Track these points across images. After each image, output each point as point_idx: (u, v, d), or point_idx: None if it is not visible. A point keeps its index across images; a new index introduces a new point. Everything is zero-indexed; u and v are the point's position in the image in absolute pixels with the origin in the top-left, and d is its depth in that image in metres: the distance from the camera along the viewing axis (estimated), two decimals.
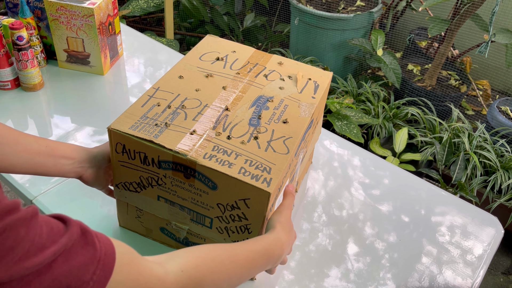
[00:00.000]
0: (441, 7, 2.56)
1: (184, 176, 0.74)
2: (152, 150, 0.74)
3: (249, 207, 0.72)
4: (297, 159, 0.86)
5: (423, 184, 1.17)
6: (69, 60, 1.44)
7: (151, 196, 0.81)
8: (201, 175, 0.72)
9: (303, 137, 0.83)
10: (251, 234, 0.75)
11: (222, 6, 3.04)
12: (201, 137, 0.76)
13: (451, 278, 0.93)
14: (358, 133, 2.02)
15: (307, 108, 0.86)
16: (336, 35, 2.54)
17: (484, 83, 2.61)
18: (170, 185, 0.77)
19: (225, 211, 0.74)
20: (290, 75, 0.94)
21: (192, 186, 0.75)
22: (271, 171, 0.71)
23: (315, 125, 0.96)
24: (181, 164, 0.73)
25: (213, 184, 0.72)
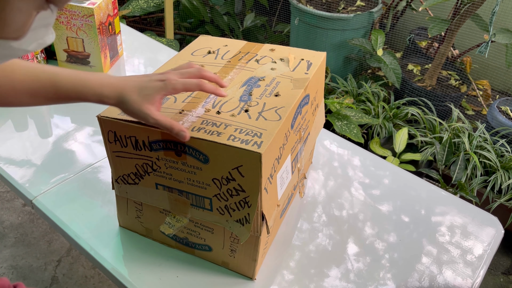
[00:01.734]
0: (441, 7, 2.56)
1: (176, 154, 0.73)
2: (142, 131, 0.74)
3: (243, 176, 0.70)
4: (297, 136, 0.84)
5: (423, 184, 1.17)
6: (69, 60, 1.44)
7: (149, 185, 0.81)
8: (191, 148, 0.71)
9: (298, 110, 0.81)
10: (251, 208, 0.73)
11: (222, 6, 3.04)
12: (190, 114, 0.76)
13: (451, 278, 0.93)
14: (358, 133, 2.02)
15: (300, 82, 0.85)
16: (336, 35, 2.54)
17: (484, 83, 2.61)
18: (164, 168, 0.77)
19: (222, 186, 0.73)
20: (282, 58, 0.94)
21: (185, 165, 0.74)
22: (262, 136, 0.70)
23: (315, 106, 0.95)
24: (171, 141, 0.72)
25: (204, 156, 0.71)
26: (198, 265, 0.89)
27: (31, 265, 1.81)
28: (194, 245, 0.89)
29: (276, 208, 0.78)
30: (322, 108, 1.02)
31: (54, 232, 1.96)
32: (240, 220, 0.75)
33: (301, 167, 0.89)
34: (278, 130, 0.72)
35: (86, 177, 1.07)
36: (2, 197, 2.12)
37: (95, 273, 1.80)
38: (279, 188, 0.78)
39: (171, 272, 0.87)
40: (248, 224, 0.74)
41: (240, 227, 0.76)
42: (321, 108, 1.01)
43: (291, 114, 0.78)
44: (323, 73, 0.97)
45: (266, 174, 0.71)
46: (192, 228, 0.85)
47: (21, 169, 1.08)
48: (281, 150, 0.76)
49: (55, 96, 0.68)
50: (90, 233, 0.94)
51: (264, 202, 0.73)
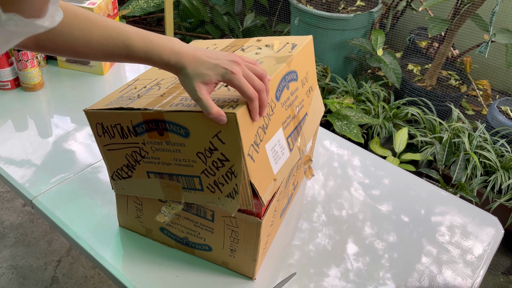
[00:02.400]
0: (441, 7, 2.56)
1: (158, 134, 0.75)
2: (124, 117, 0.76)
3: (224, 143, 0.70)
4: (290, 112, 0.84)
5: (423, 184, 1.17)
6: (69, 60, 1.44)
7: (142, 176, 0.82)
8: (171, 124, 0.72)
9: (283, 83, 0.82)
10: (238, 178, 0.73)
11: (222, 6, 3.04)
12: (170, 95, 0.77)
13: (451, 278, 0.93)
14: (358, 133, 2.02)
15: (282, 59, 0.85)
16: (336, 35, 2.54)
17: (484, 83, 2.61)
18: (151, 152, 0.78)
19: (207, 160, 0.73)
20: (268, 44, 0.95)
21: (169, 143, 0.75)
22: (238, 101, 0.70)
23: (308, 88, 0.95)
24: (152, 120, 0.74)
25: (185, 129, 0.72)
26: (198, 265, 0.89)
27: (31, 265, 1.81)
28: (194, 245, 0.89)
29: (272, 182, 0.78)
30: (318, 94, 1.02)
31: (54, 232, 1.96)
32: (230, 193, 0.75)
33: (303, 147, 0.89)
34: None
35: (86, 177, 1.07)
36: (2, 197, 2.13)
37: (95, 273, 1.80)
38: (273, 162, 0.78)
39: (171, 272, 0.87)
40: (237, 196, 0.74)
41: (230, 201, 0.75)
42: (316, 93, 1.01)
43: (272, 84, 0.78)
44: (311, 56, 0.98)
45: (248, 140, 0.70)
46: (192, 228, 0.85)
47: (21, 169, 1.08)
48: (266, 120, 0.76)
49: (126, 57, 0.71)
50: (90, 233, 0.94)
51: (252, 171, 0.72)
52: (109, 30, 0.69)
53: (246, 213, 0.79)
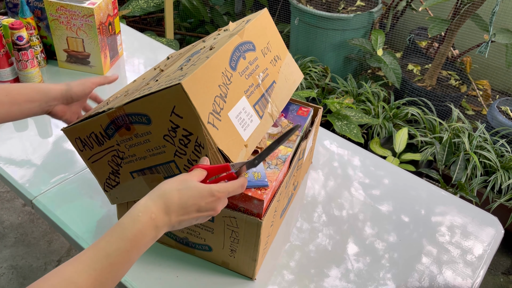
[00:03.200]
0: (441, 7, 2.56)
1: (126, 129, 0.77)
2: (94, 123, 0.80)
3: (182, 117, 0.71)
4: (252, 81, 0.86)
5: (423, 184, 1.17)
6: (69, 60, 1.44)
7: (127, 178, 0.84)
8: (133, 115, 0.75)
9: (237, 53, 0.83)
10: (205, 149, 0.73)
11: (222, 6, 3.04)
12: (133, 93, 0.80)
13: (451, 278, 0.93)
14: (358, 133, 2.02)
15: (234, 32, 0.88)
16: (336, 35, 2.54)
17: (484, 83, 2.61)
18: (127, 151, 0.80)
19: (174, 140, 0.74)
20: (226, 29, 0.98)
21: (138, 136, 0.77)
22: (186, 75, 0.71)
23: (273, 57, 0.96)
24: (117, 118, 0.77)
25: (146, 116, 0.74)
26: (198, 265, 0.89)
27: (31, 265, 1.81)
28: (194, 245, 0.89)
29: (244, 148, 0.78)
30: (289, 62, 1.03)
31: (54, 232, 1.96)
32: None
33: (275, 114, 0.90)
34: (203, 66, 0.73)
35: (86, 177, 1.07)
36: (2, 197, 2.12)
37: None
38: (241, 129, 0.79)
39: (171, 272, 0.87)
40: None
41: None
42: (287, 61, 1.02)
43: (223, 54, 0.79)
44: (271, 27, 1.00)
45: (205, 108, 0.71)
46: (192, 228, 0.85)
47: (21, 169, 1.08)
48: (223, 89, 0.77)
49: None
50: (90, 233, 0.94)
51: (217, 139, 0.72)
52: None
53: (246, 213, 0.79)
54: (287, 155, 0.87)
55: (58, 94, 0.86)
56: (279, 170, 0.83)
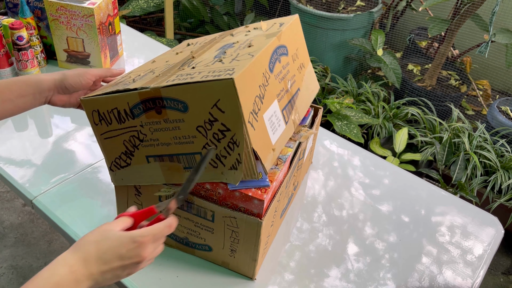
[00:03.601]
0: (441, 7, 2.56)
1: (156, 112, 0.74)
2: (121, 99, 0.75)
3: (224, 111, 0.70)
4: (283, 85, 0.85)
5: (423, 184, 1.17)
6: (69, 60, 1.44)
7: (141, 161, 0.81)
8: (169, 100, 0.72)
9: (275, 56, 0.83)
10: (240, 147, 0.72)
11: (222, 6, 3.04)
12: (165, 75, 0.77)
13: (451, 278, 0.93)
14: (358, 133, 2.02)
15: (272, 34, 0.87)
16: (336, 35, 2.54)
17: (484, 83, 2.61)
18: (150, 134, 0.77)
19: (207, 133, 0.73)
20: (256, 27, 0.97)
21: (168, 121, 0.74)
22: (234, 69, 0.70)
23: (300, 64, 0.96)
24: (149, 99, 0.73)
25: (183, 103, 0.71)
26: (198, 265, 0.89)
27: (31, 265, 1.81)
28: (194, 245, 0.89)
29: (271, 152, 0.78)
30: (311, 71, 1.03)
31: (54, 232, 1.96)
32: (233, 165, 0.74)
33: (297, 121, 0.91)
34: (252, 63, 0.72)
35: (86, 177, 1.07)
36: (2, 197, 2.12)
37: None
38: (271, 132, 0.78)
39: (171, 272, 0.87)
40: (240, 165, 0.73)
41: (234, 173, 0.75)
42: (309, 70, 1.02)
43: (265, 55, 0.79)
44: (299, 34, 0.99)
45: (247, 107, 0.70)
46: (192, 228, 0.85)
47: (21, 169, 1.08)
48: (262, 90, 0.76)
49: None
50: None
51: (253, 138, 0.72)
52: None
53: (246, 213, 0.79)
54: (287, 155, 0.87)
55: (51, 85, 0.82)
56: (279, 170, 0.83)
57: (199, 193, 0.81)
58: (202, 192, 0.80)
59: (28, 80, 0.81)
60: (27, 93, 0.80)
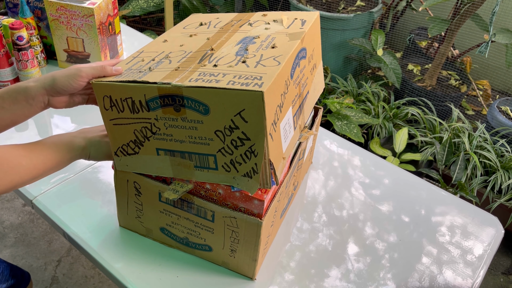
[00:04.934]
0: (441, 7, 2.56)
1: (174, 110, 0.72)
2: (138, 90, 0.72)
3: (246, 121, 0.68)
4: (298, 90, 0.83)
5: (423, 184, 1.17)
6: (69, 60, 1.44)
7: (150, 152, 0.79)
8: (190, 100, 0.69)
9: (296, 61, 0.80)
10: (258, 157, 0.70)
11: (222, 6, 3.04)
12: (186, 70, 0.74)
13: (451, 278, 0.93)
14: (358, 133, 2.02)
15: (295, 35, 0.83)
16: (336, 35, 2.54)
17: (484, 83, 2.61)
18: (164, 129, 0.75)
19: (225, 138, 0.71)
20: (276, 19, 0.93)
21: (185, 120, 0.72)
22: (262, 78, 0.68)
23: (313, 65, 0.93)
24: (168, 95, 0.70)
25: (205, 106, 0.69)
26: (198, 265, 0.89)
27: (31, 265, 1.81)
28: (194, 245, 0.89)
29: (282, 160, 0.76)
30: (320, 71, 1.00)
31: (54, 232, 1.96)
32: (248, 173, 0.72)
33: (302, 125, 0.88)
34: (279, 73, 0.70)
35: (86, 177, 1.07)
36: (2, 197, 2.12)
37: (95, 273, 1.80)
38: (283, 140, 0.76)
39: (171, 272, 0.87)
40: (256, 175, 0.71)
41: (248, 181, 0.73)
42: (319, 70, 0.99)
43: (289, 61, 0.76)
44: (318, 33, 0.96)
45: (270, 119, 0.68)
46: (192, 228, 0.85)
47: None
48: (283, 98, 0.74)
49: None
50: (90, 233, 0.94)
51: (271, 149, 0.70)
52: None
53: (246, 213, 0.78)
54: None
55: (39, 90, 0.79)
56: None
57: (199, 193, 0.81)
58: (202, 192, 0.80)
59: (18, 87, 0.79)
60: (19, 100, 0.78)
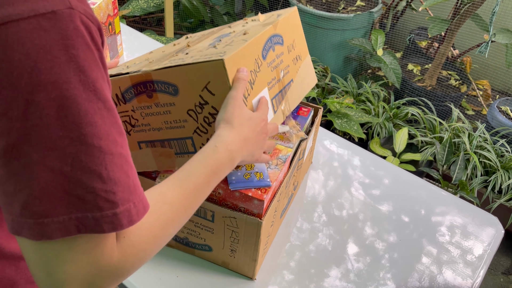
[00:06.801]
0: (441, 7, 2.56)
1: (147, 96, 0.74)
2: (113, 84, 0.76)
3: (214, 94, 0.70)
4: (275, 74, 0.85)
5: (423, 184, 1.17)
6: None
7: (133, 148, 0.81)
8: (160, 83, 0.72)
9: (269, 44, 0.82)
10: None
11: (222, 6, 3.04)
12: (159, 61, 0.77)
13: (451, 278, 0.93)
14: (359, 129, 2.02)
15: (268, 23, 0.86)
16: (336, 35, 2.54)
17: (484, 83, 2.61)
18: (142, 119, 0.77)
19: (198, 117, 0.73)
20: (254, 19, 0.96)
21: (159, 105, 0.74)
22: (225, 52, 0.70)
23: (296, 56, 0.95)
24: (140, 83, 0.73)
25: (173, 86, 0.72)
26: (198, 265, 0.89)
27: None
28: (194, 245, 0.89)
29: None
30: (308, 64, 1.02)
31: None
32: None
33: (287, 112, 0.89)
34: (244, 47, 0.72)
35: None
36: None
37: None
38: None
39: (171, 272, 0.87)
40: None
41: None
42: (306, 63, 1.01)
43: (259, 41, 0.78)
44: (298, 26, 0.98)
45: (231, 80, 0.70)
46: (192, 228, 0.86)
47: None
48: (253, 75, 0.76)
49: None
50: None
51: None
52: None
53: (246, 213, 0.79)
54: (287, 155, 0.87)
55: None
56: (279, 170, 0.83)
57: None
58: None
59: None
60: None
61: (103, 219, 0.43)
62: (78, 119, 0.41)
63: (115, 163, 0.44)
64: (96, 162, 0.42)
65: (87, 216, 0.43)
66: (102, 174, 0.43)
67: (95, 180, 0.43)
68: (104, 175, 0.43)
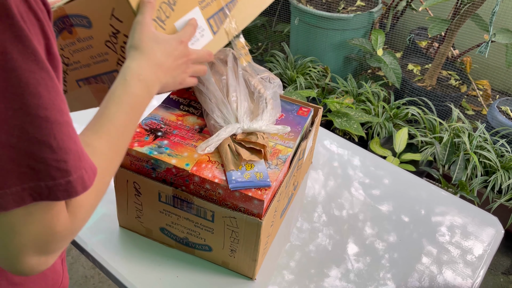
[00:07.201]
0: (441, 7, 2.56)
1: (68, 32, 0.74)
2: None
3: (121, 21, 0.68)
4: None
5: (423, 184, 1.17)
6: None
7: (74, 87, 0.81)
8: (74, 17, 0.71)
9: None
10: None
11: None
12: None
13: (451, 278, 0.93)
14: (359, 127, 2.02)
15: None
16: (336, 35, 2.54)
17: (484, 83, 2.61)
18: (72, 57, 0.76)
19: (115, 47, 0.71)
20: None
21: (80, 40, 0.73)
22: None
23: None
24: (58, 19, 0.72)
25: (86, 19, 0.70)
26: (198, 265, 0.89)
27: None
28: (194, 245, 0.89)
29: None
30: None
31: None
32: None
33: (233, 31, 0.84)
34: None
35: None
36: None
37: (95, 273, 1.80)
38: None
39: (171, 272, 0.87)
40: None
41: None
42: None
43: None
44: None
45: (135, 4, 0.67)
46: (192, 228, 0.85)
47: None
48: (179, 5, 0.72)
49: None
50: (90, 233, 0.94)
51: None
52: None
53: (246, 213, 0.79)
54: (287, 155, 0.87)
55: None
56: (279, 170, 0.83)
57: (199, 193, 0.81)
58: (202, 192, 0.80)
59: None
60: None
61: (57, 187, 0.44)
62: (19, 90, 0.41)
63: (63, 132, 0.44)
64: (43, 132, 0.42)
65: (41, 185, 0.43)
66: (52, 144, 0.43)
67: (45, 150, 0.43)
68: (54, 144, 0.43)
